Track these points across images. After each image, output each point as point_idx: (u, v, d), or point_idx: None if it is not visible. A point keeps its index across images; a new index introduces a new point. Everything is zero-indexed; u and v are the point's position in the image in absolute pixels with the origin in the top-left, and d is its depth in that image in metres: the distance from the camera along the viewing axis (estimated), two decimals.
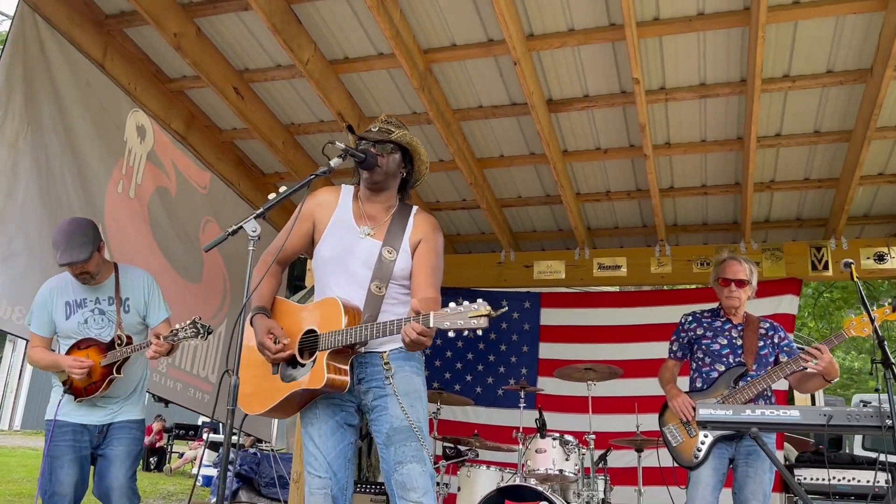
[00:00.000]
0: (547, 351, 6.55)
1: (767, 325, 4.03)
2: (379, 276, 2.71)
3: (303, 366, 2.70)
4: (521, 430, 4.99)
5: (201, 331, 3.44)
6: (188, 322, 3.45)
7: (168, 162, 5.42)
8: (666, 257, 6.56)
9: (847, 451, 9.41)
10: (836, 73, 4.71)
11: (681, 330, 4.16)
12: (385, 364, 2.69)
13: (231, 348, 2.52)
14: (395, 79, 5.10)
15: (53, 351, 3.73)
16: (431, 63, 4.88)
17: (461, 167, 5.76)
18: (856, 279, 3.11)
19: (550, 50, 4.68)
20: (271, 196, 2.61)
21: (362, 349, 2.69)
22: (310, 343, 2.70)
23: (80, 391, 3.61)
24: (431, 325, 2.35)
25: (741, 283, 3.99)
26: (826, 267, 6.10)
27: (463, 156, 5.68)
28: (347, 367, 2.65)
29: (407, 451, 2.63)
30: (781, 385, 4.39)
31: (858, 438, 9.90)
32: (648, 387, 4.72)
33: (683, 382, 4.08)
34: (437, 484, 5.28)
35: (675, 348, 4.17)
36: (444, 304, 2.38)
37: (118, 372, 3.60)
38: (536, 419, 4.86)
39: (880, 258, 5.94)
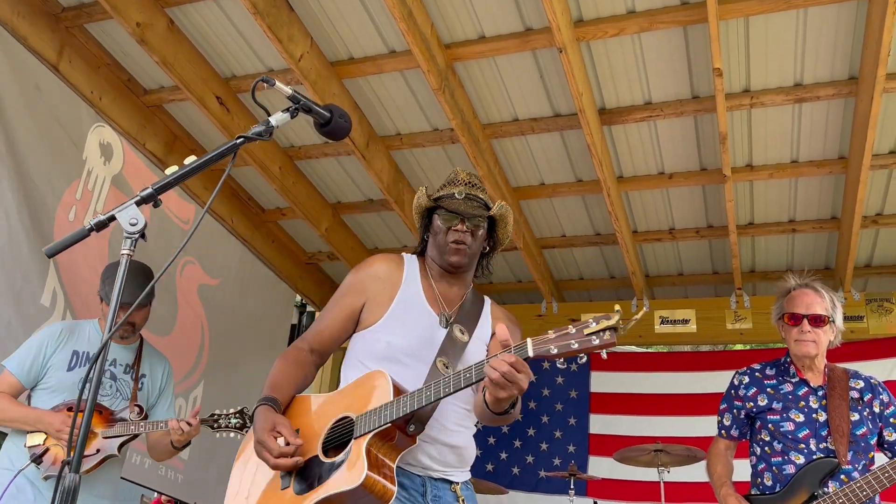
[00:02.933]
0: (600, 425, 5.32)
1: (862, 382, 2.76)
2: (445, 353, 2.07)
3: (331, 464, 1.82)
4: None
5: (248, 423, 2.86)
6: (234, 410, 2.95)
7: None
8: (745, 310, 5.39)
9: None
10: None
11: (733, 396, 2.91)
12: (459, 500, 2.01)
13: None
14: (409, 82, 4.15)
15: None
16: (454, 61, 3.94)
17: (493, 197, 4.74)
18: None
19: (604, 39, 3.69)
20: (170, 170, 1.62)
21: (417, 440, 1.91)
22: (341, 434, 1.89)
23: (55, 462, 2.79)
24: (531, 355, 1.64)
25: (819, 321, 2.72)
26: None
27: (495, 182, 4.67)
28: (393, 471, 1.80)
29: None
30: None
31: None
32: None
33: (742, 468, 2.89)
34: None
35: (726, 423, 2.93)
36: None
37: (119, 450, 2.94)
38: None
39: None
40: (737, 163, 4.46)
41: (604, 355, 1.52)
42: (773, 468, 2.70)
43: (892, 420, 2.70)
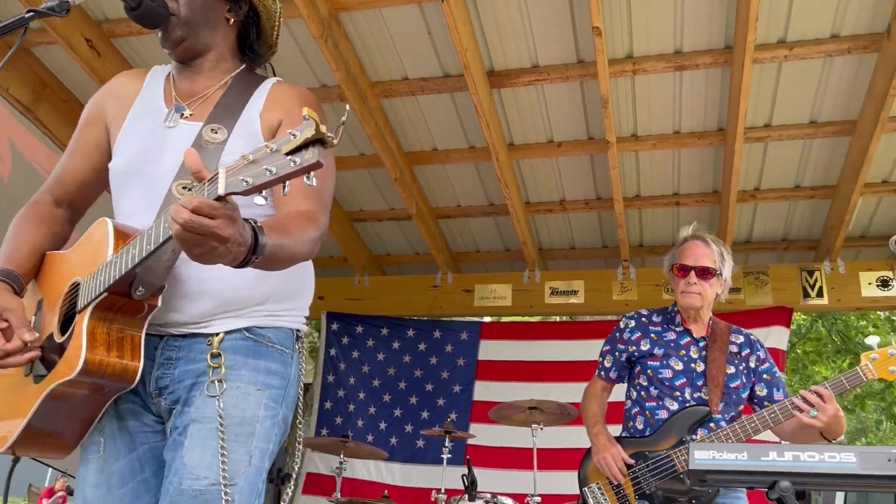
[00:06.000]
0: (484, 391, 5.33)
1: (742, 338, 2.80)
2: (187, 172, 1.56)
3: (59, 346, 1.53)
4: (442, 490, 3.77)
5: None
6: None
7: (2, 138, 4.22)
8: (630, 281, 5.51)
9: None
10: (842, 39, 3.78)
11: (618, 339, 2.90)
12: (213, 355, 1.54)
13: None
14: (293, 32, 4.01)
15: None
16: (339, 11, 3.83)
17: (385, 160, 4.67)
18: None
19: None
20: None
21: (159, 301, 1.50)
22: (75, 304, 1.55)
23: None
24: (222, 193, 1.18)
25: (706, 273, 2.72)
26: (821, 294, 5.09)
27: (385, 143, 4.59)
28: (140, 341, 1.50)
29: None
30: None
31: (839, 500, 8.53)
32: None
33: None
34: None
35: (607, 364, 2.91)
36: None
37: None
38: (464, 475, 3.65)
39: (885, 284, 4.96)
40: (622, 132, 4.53)
41: (312, 182, 1.14)
42: (647, 413, 2.72)
43: (764, 376, 2.75)
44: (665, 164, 4.83)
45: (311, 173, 1.15)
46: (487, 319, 6.27)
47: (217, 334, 1.55)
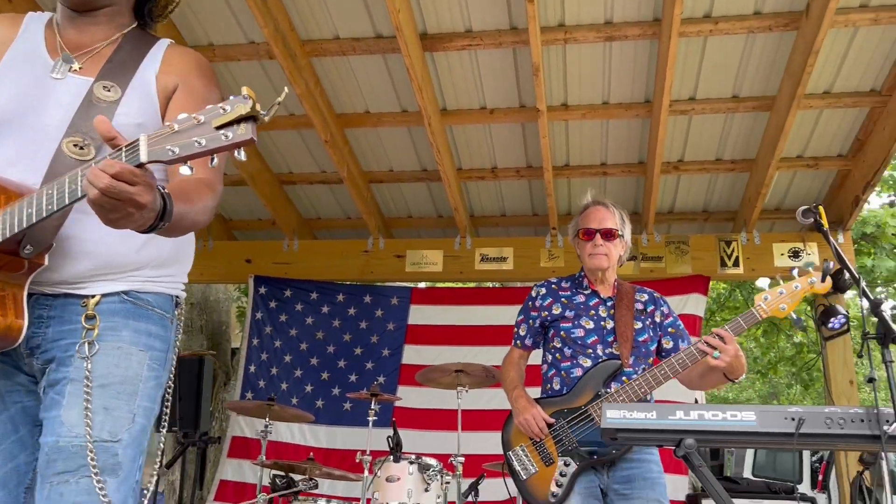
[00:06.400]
0: (413, 355, 5.38)
1: (646, 295, 2.95)
2: (83, 126, 1.51)
3: None
4: (368, 452, 3.81)
5: None
6: None
7: None
8: (558, 249, 5.61)
9: (727, 474, 8.34)
10: (764, 16, 3.91)
11: (530, 307, 2.99)
12: (88, 317, 1.50)
13: None
14: None
15: None
16: None
17: (315, 121, 4.59)
18: (825, 227, 2.16)
19: None
20: None
21: (45, 259, 1.45)
22: None
23: None
24: (144, 160, 1.19)
25: (610, 234, 2.85)
26: (737, 263, 5.31)
27: (315, 103, 4.51)
28: (23, 300, 1.45)
29: (67, 493, 1.39)
30: None
31: (749, 458, 8.94)
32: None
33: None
34: None
35: (522, 333, 3.01)
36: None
37: None
38: (389, 437, 3.70)
39: (795, 255, 5.21)
40: (553, 101, 4.58)
41: (241, 156, 1.15)
42: (562, 372, 2.80)
43: (669, 329, 2.89)
44: (594, 135, 4.91)
45: (242, 148, 1.16)
46: (421, 285, 6.30)
47: (93, 296, 1.51)
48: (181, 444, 4.94)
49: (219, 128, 1.14)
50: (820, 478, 7.58)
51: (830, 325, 4.67)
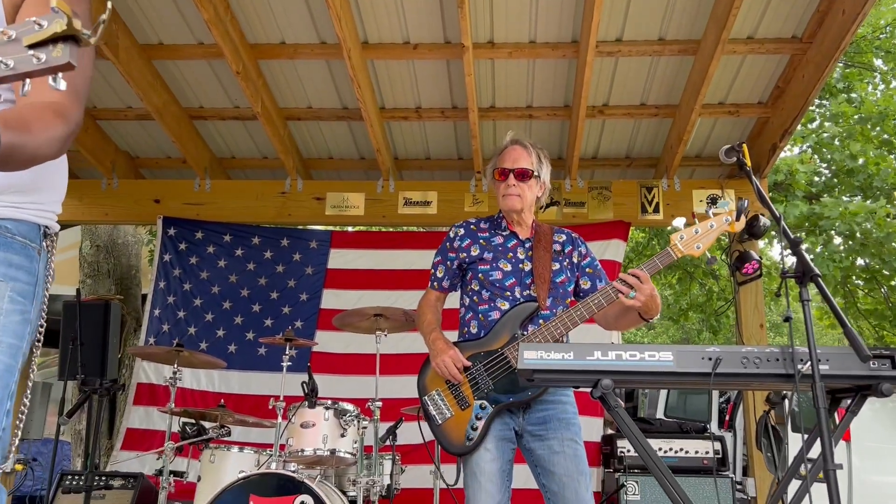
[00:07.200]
0: (332, 299, 5.23)
1: (564, 236, 2.89)
2: None
3: None
4: (281, 398, 3.68)
5: None
6: None
7: None
8: (483, 193, 5.52)
9: (640, 415, 8.67)
10: None
11: (448, 248, 2.89)
12: None
13: None
14: None
15: None
16: None
17: (225, 51, 4.28)
18: (748, 165, 2.11)
19: None
20: None
21: None
22: None
23: None
24: None
25: (524, 175, 2.76)
26: (657, 210, 5.36)
27: (225, 31, 4.20)
28: None
29: None
30: None
31: (662, 400, 9.28)
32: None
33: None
34: (172, 472, 3.85)
35: (439, 274, 2.91)
36: None
37: None
38: (304, 382, 3.57)
39: (713, 201, 5.28)
40: (479, 38, 4.42)
41: (59, 85, 0.97)
42: (480, 315, 2.73)
43: (587, 270, 2.85)
44: (520, 75, 4.78)
45: (59, 75, 0.96)
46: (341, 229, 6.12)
47: None
48: (84, 393, 4.68)
49: (32, 47, 0.94)
50: (727, 417, 7.95)
51: (745, 271, 4.78)
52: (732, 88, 4.82)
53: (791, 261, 1.91)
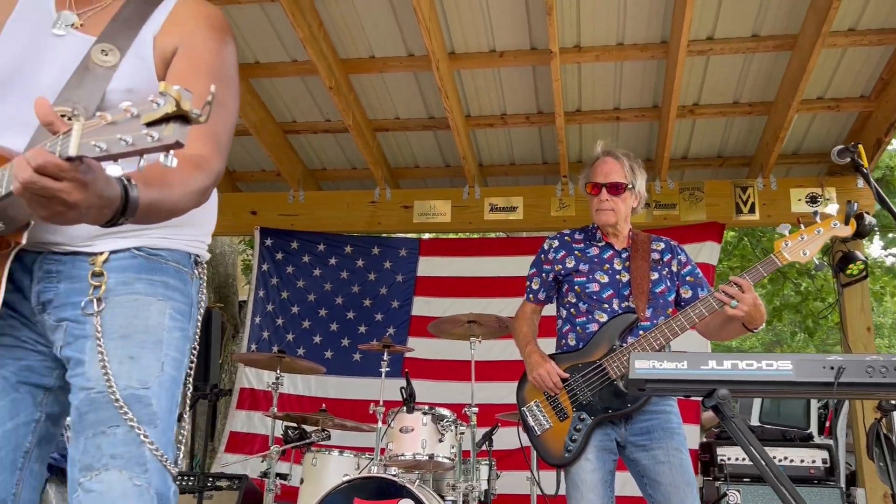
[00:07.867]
0: (423, 307, 5.33)
1: (662, 244, 2.83)
2: (74, 94, 1.36)
3: None
4: (381, 403, 3.77)
5: None
6: None
7: None
8: (569, 197, 5.50)
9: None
10: None
11: (543, 260, 2.88)
12: (95, 273, 1.40)
13: None
14: None
15: None
16: None
17: (319, 67, 4.43)
18: (865, 167, 2.04)
19: None
20: None
21: (23, 237, 1.33)
22: None
23: None
24: (73, 153, 1.01)
25: (617, 188, 2.73)
26: (753, 210, 5.20)
27: (319, 48, 4.34)
28: (3, 271, 1.34)
29: (104, 445, 1.34)
30: None
31: (756, 406, 8.95)
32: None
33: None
34: (278, 475, 4.00)
35: (535, 287, 2.90)
36: None
37: None
38: (402, 388, 3.65)
39: (813, 200, 5.09)
40: (565, 43, 4.41)
41: (171, 162, 1.00)
42: (578, 328, 2.73)
43: (688, 278, 2.79)
44: (607, 77, 4.74)
45: (171, 152, 1.00)
46: (426, 236, 6.22)
47: (101, 253, 1.41)
48: (191, 397, 4.93)
49: (150, 124, 0.97)
50: (827, 424, 7.60)
51: (849, 272, 4.58)
52: (832, 82, 4.63)
53: None
